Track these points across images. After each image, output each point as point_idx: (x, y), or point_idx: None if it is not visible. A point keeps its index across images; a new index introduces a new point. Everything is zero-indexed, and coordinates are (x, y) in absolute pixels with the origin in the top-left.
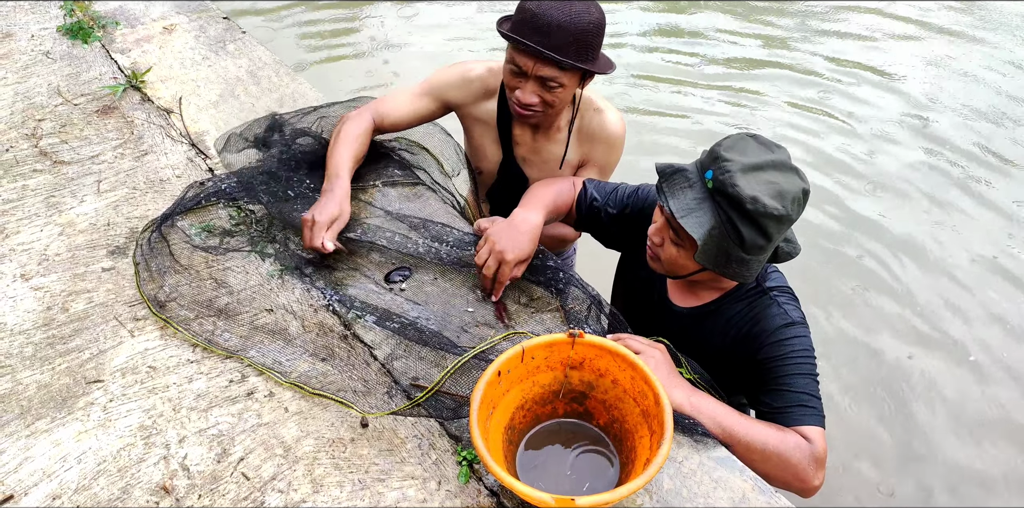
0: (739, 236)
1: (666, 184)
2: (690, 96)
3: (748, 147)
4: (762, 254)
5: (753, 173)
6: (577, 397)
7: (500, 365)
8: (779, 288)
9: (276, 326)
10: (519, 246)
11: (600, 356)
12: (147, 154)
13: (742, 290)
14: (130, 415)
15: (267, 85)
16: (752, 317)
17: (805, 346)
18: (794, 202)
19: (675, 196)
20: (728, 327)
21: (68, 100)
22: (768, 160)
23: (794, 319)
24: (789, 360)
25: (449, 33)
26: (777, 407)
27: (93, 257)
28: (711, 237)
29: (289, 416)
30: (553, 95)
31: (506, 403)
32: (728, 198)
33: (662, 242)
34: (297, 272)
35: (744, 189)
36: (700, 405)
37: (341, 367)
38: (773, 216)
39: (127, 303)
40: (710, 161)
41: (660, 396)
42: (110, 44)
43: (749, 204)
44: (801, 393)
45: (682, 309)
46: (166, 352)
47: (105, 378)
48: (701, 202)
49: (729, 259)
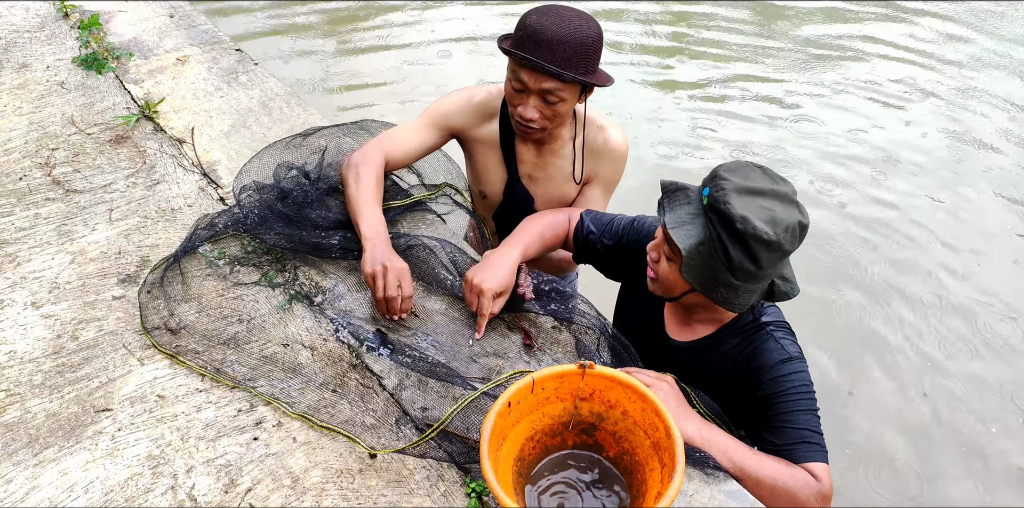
0: (727, 257)
1: (667, 200)
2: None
3: (752, 174)
4: (753, 283)
5: (749, 196)
6: (587, 428)
7: (510, 396)
8: (775, 323)
9: (286, 356)
10: (495, 278)
11: (610, 387)
12: (159, 183)
13: (739, 324)
14: (138, 444)
15: (278, 116)
16: (749, 352)
17: (804, 381)
18: (788, 231)
19: (672, 210)
20: (725, 361)
21: (81, 130)
22: (769, 188)
23: (791, 354)
24: (789, 396)
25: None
26: (780, 444)
27: (104, 285)
28: (699, 253)
29: (297, 446)
30: (553, 110)
31: (516, 434)
32: (719, 215)
33: (658, 258)
34: (307, 301)
35: (735, 208)
36: (711, 438)
37: (350, 398)
38: (763, 240)
39: (137, 331)
40: (709, 179)
41: (671, 428)
42: (124, 75)
43: (739, 223)
44: (803, 429)
45: (680, 343)
46: (175, 381)
47: (114, 407)
48: (695, 217)
49: (717, 281)
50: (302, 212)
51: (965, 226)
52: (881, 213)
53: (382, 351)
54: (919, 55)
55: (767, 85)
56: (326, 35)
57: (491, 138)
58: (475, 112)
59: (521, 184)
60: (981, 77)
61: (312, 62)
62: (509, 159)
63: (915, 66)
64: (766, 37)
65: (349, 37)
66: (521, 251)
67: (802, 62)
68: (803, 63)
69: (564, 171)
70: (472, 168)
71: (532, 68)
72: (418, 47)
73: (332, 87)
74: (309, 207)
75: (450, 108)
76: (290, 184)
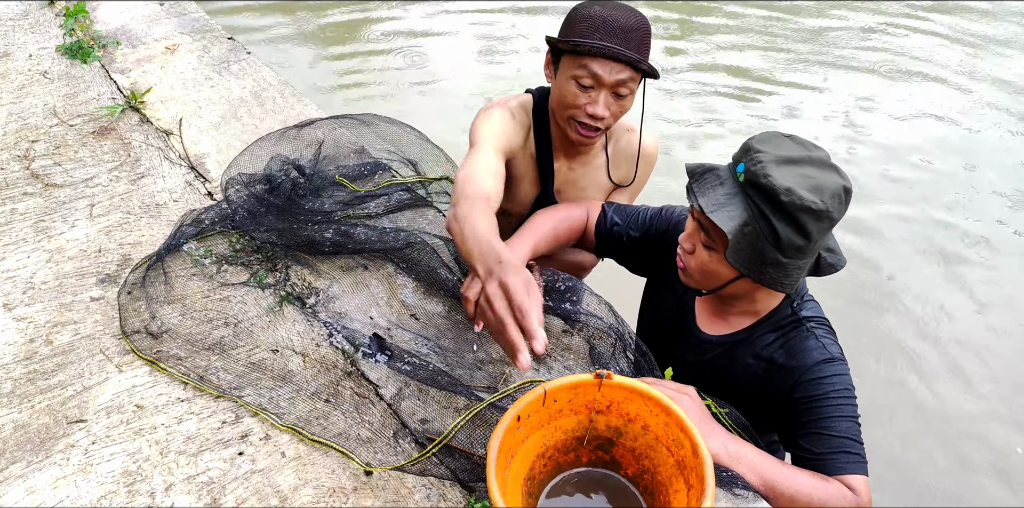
0: (774, 233)
1: (696, 184)
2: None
3: (783, 143)
4: (801, 258)
5: (787, 166)
6: (603, 444)
7: (520, 409)
8: (815, 319)
9: (275, 362)
10: None
11: (630, 399)
12: (144, 177)
13: (776, 318)
14: (113, 459)
15: (271, 106)
16: (786, 349)
17: (845, 385)
18: (834, 197)
19: (705, 194)
20: (759, 358)
21: (64, 121)
22: (804, 155)
23: (833, 355)
24: (829, 401)
25: None
26: (818, 453)
27: (82, 286)
28: (743, 234)
29: (286, 462)
30: (621, 105)
31: (525, 451)
32: (760, 190)
33: (693, 248)
34: (298, 303)
35: (777, 179)
36: (739, 454)
37: (344, 408)
38: (810, 210)
39: (115, 335)
40: (742, 154)
41: (699, 446)
42: (110, 64)
43: (783, 195)
44: (843, 438)
45: (711, 337)
46: (155, 389)
47: (88, 418)
48: (732, 197)
49: (764, 262)
50: (293, 206)
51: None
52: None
53: (379, 358)
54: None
55: (764, 81)
56: (325, 29)
57: (527, 153)
58: (518, 129)
59: (553, 199)
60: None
61: (309, 53)
62: (545, 176)
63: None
64: (772, 33)
65: (349, 30)
66: (531, 247)
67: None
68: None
69: (596, 181)
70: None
71: (609, 57)
72: (419, 38)
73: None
74: (301, 200)
75: (501, 129)
76: (282, 178)
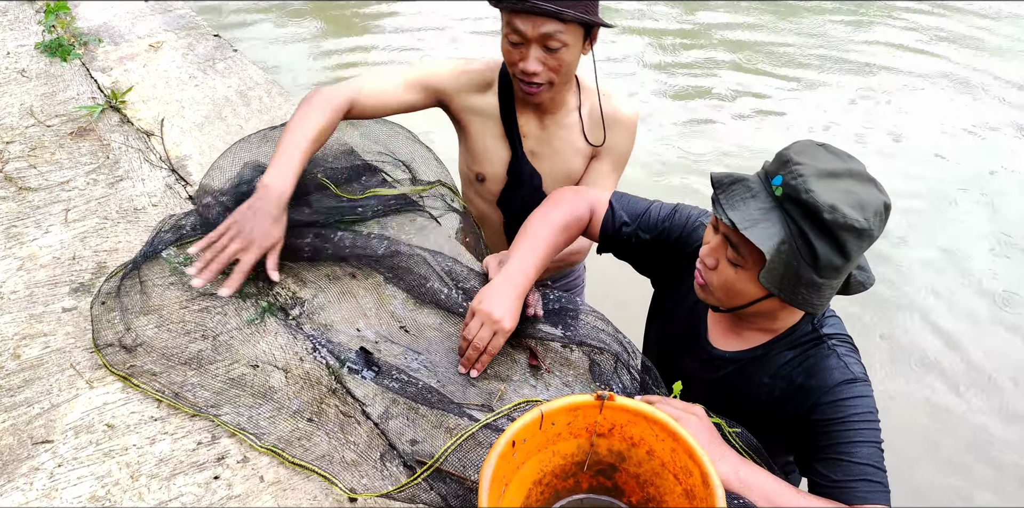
0: (812, 253)
1: (723, 195)
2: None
3: (820, 154)
4: (836, 278)
5: (828, 180)
6: (605, 469)
7: (515, 434)
8: (838, 336)
9: (255, 378)
10: (511, 312)
11: (634, 422)
12: (122, 180)
13: (795, 335)
14: (81, 483)
15: (257, 106)
16: (806, 368)
17: (869, 408)
18: (876, 215)
19: (735, 207)
20: (776, 377)
21: (40, 121)
22: (844, 168)
23: (856, 375)
24: (850, 424)
25: None
26: (836, 480)
27: (54, 295)
28: (779, 253)
29: (265, 487)
30: (557, 59)
31: (521, 478)
32: (801, 206)
33: (716, 264)
34: (281, 314)
35: (820, 195)
36: (751, 481)
37: (328, 428)
38: (854, 229)
39: (87, 349)
40: (778, 166)
41: (710, 475)
42: (91, 62)
43: (827, 213)
44: (864, 464)
45: (724, 353)
46: (127, 407)
47: (55, 438)
48: (767, 212)
49: (798, 282)
50: None
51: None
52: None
53: (366, 373)
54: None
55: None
56: (315, 26)
57: (489, 110)
58: (469, 80)
59: (526, 161)
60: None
61: (298, 51)
62: (512, 134)
63: None
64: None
65: (339, 26)
66: (535, 272)
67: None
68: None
69: (571, 144)
70: (468, 147)
71: (528, 12)
72: (411, 34)
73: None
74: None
75: (441, 70)
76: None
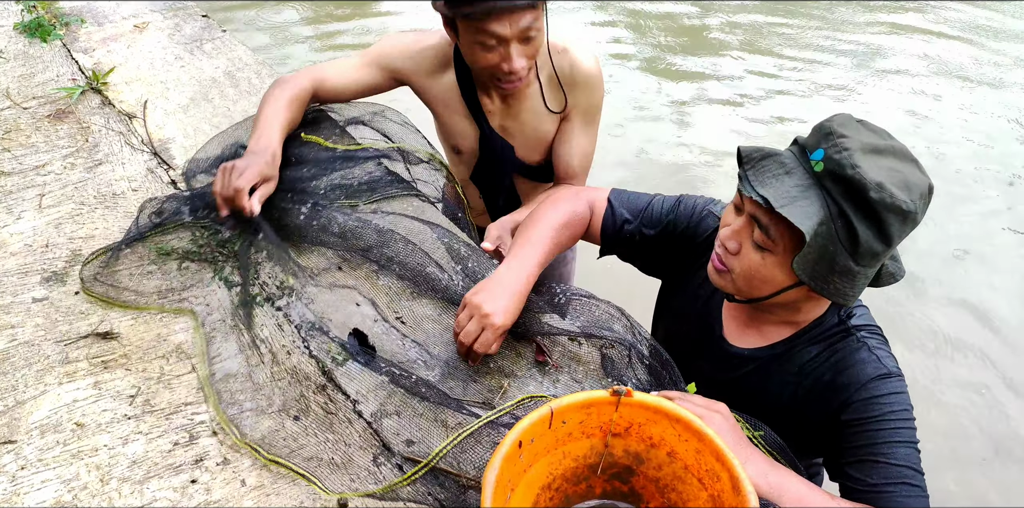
0: (852, 236)
1: (752, 171)
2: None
3: (860, 129)
4: (872, 266)
5: (874, 156)
6: (620, 473)
7: (522, 433)
8: (867, 327)
9: (238, 372)
10: (507, 310)
11: (653, 420)
12: (101, 164)
13: (821, 328)
14: (45, 487)
15: (246, 87)
16: (834, 364)
17: (904, 405)
18: (922, 198)
19: (767, 184)
20: (801, 375)
21: (17, 103)
22: (888, 145)
23: (890, 369)
24: (885, 423)
25: None
26: (872, 483)
27: (24, 285)
28: (815, 236)
29: (247, 492)
30: (534, 46)
31: (528, 482)
32: (844, 183)
33: (739, 248)
34: (268, 304)
35: (867, 171)
36: (782, 484)
37: (317, 427)
38: (900, 211)
39: (57, 341)
40: (818, 139)
41: (740, 479)
42: (72, 43)
43: (873, 191)
44: (903, 467)
45: (743, 351)
46: (99, 404)
47: (19, 438)
48: (805, 190)
49: (832, 270)
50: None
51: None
52: None
53: (361, 357)
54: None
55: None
56: (306, 7)
57: (449, 91)
58: (424, 59)
59: (496, 135)
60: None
61: (289, 34)
62: (476, 113)
63: None
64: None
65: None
66: (537, 268)
67: None
68: None
69: (537, 112)
70: (439, 122)
71: (503, 11)
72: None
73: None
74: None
75: (393, 50)
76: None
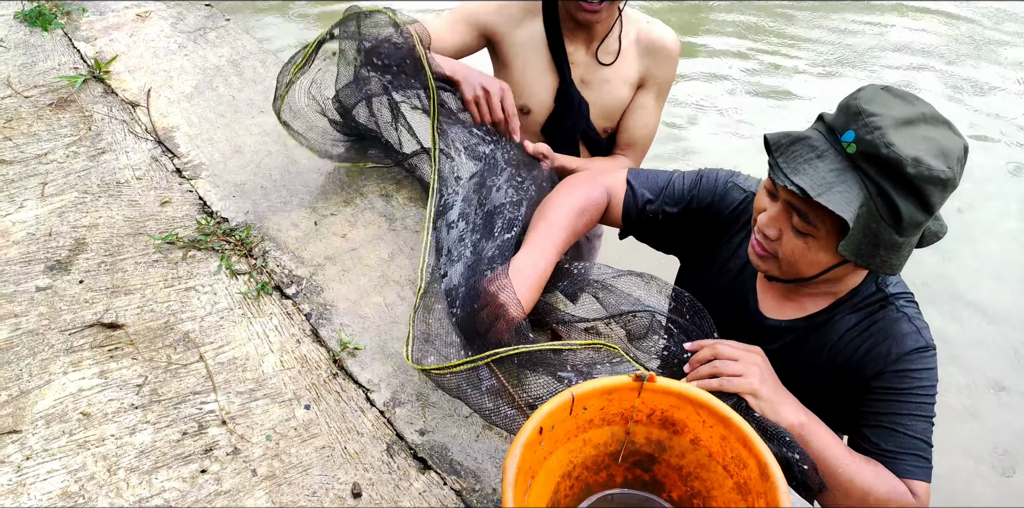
0: (894, 212)
1: (783, 158)
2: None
3: (888, 100)
4: (916, 234)
5: (906, 129)
6: (642, 461)
7: (542, 419)
8: (904, 295)
9: (247, 362)
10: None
11: (677, 406)
12: (104, 152)
13: (859, 297)
14: (51, 478)
15: (251, 76)
16: (875, 333)
17: (933, 381)
18: (958, 162)
19: (801, 171)
20: (840, 346)
21: (18, 92)
22: (918, 113)
23: (928, 343)
24: (913, 397)
25: None
26: (886, 449)
27: (27, 274)
28: (857, 218)
29: (258, 482)
30: None
31: (548, 469)
32: (880, 163)
33: (779, 235)
34: (277, 293)
35: (902, 148)
36: (812, 430)
37: (328, 415)
38: (939, 180)
39: (62, 330)
40: (847, 119)
41: (769, 466)
42: (74, 32)
43: (911, 167)
44: (917, 439)
45: (779, 322)
46: (105, 394)
47: (24, 428)
48: (841, 173)
49: (877, 245)
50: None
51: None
52: None
53: None
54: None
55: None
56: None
57: (536, 39)
58: (512, 11)
59: (575, 88)
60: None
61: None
62: (560, 62)
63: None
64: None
65: None
66: (554, 259)
67: None
68: None
69: (620, 71)
70: (510, 78)
71: None
72: None
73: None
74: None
75: (480, 6)
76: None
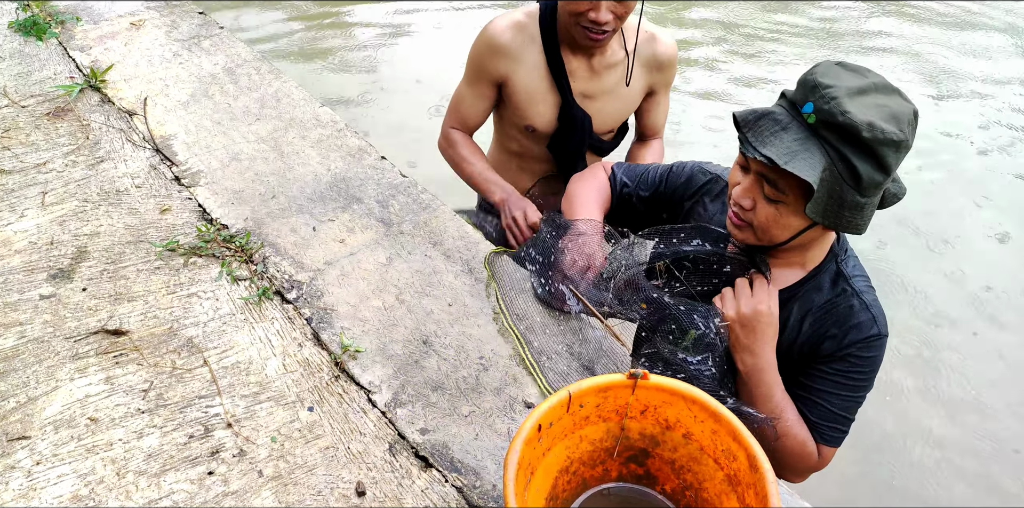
0: (854, 174)
1: (751, 133)
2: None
3: (842, 74)
4: (877, 194)
5: (859, 97)
6: (636, 455)
7: (541, 417)
8: (861, 278)
9: (250, 366)
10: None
11: (669, 402)
12: (103, 161)
13: (822, 275)
14: (61, 482)
15: (246, 84)
16: (835, 316)
17: (875, 367)
18: (909, 125)
19: (768, 143)
20: (802, 321)
21: (15, 102)
22: (869, 83)
23: (882, 331)
24: (851, 380)
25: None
26: (811, 419)
27: (30, 282)
28: (822, 182)
29: (264, 482)
30: (626, 6)
31: (547, 465)
32: (838, 129)
33: (753, 205)
34: (278, 298)
35: (857, 115)
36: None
37: (331, 417)
38: (892, 142)
39: (67, 337)
40: (805, 93)
41: (758, 458)
42: (68, 41)
43: (866, 132)
44: (841, 415)
45: None
46: (112, 399)
47: (33, 434)
48: (804, 142)
49: (842, 206)
50: None
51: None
52: None
53: None
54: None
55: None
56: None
57: (537, 62)
58: (511, 49)
59: (576, 106)
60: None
61: (286, 28)
62: (560, 80)
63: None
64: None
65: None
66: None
67: None
68: None
69: (620, 83)
70: (514, 103)
71: None
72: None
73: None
74: None
75: (483, 60)
76: None
